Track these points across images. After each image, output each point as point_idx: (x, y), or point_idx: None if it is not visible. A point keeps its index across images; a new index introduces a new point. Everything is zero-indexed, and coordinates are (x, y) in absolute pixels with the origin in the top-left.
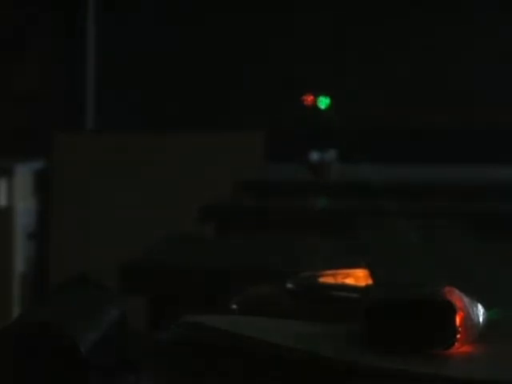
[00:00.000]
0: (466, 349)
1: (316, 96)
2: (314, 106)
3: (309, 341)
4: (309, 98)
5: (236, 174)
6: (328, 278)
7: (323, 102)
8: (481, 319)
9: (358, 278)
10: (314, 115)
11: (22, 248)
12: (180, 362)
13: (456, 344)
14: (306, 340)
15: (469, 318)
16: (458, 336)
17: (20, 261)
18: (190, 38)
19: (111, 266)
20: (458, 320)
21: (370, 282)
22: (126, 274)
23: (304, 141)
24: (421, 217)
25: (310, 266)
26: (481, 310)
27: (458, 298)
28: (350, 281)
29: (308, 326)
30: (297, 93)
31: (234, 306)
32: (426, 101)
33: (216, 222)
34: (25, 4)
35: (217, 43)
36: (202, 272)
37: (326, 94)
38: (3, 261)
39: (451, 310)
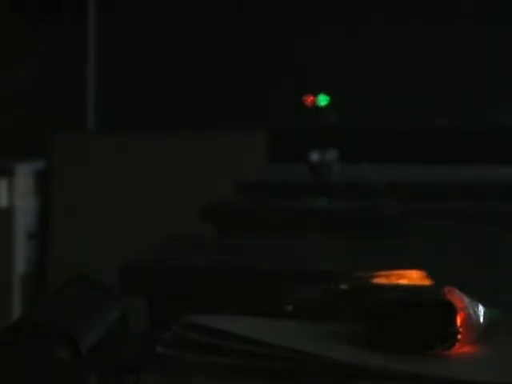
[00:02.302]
0: (466, 349)
1: (316, 96)
2: (315, 106)
3: (309, 341)
4: (309, 98)
5: (236, 174)
6: (381, 279)
7: (324, 102)
8: (481, 319)
9: (412, 278)
10: (314, 115)
11: (21, 248)
12: (180, 362)
13: (457, 344)
14: (306, 341)
15: (470, 319)
16: (459, 336)
17: (20, 261)
18: (190, 37)
19: (111, 266)
20: (458, 320)
21: (427, 282)
22: (127, 274)
23: (304, 141)
24: (421, 217)
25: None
26: (481, 310)
27: (458, 298)
28: (404, 282)
29: (310, 326)
30: (297, 93)
31: (289, 308)
32: (426, 101)
33: (216, 222)
34: (25, 4)
35: (217, 43)
36: (203, 272)
37: (326, 94)
38: (3, 261)
39: (452, 310)
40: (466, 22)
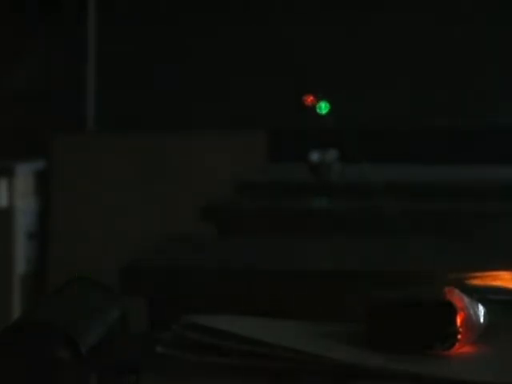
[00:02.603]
0: (466, 349)
1: (316, 96)
2: (315, 106)
3: (309, 341)
4: (309, 98)
5: (236, 174)
6: (476, 281)
7: (324, 102)
8: (481, 319)
9: (506, 280)
10: (314, 115)
11: (21, 248)
12: (180, 362)
13: (457, 344)
14: (306, 341)
15: (470, 319)
16: (459, 336)
17: (20, 261)
18: (190, 37)
19: (111, 266)
20: (458, 320)
21: None
22: (126, 274)
23: (304, 141)
24: (422, 217)
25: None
26: (481, 310)
27: (458, 298)
28: (498, 283)
29: (310, 326)
30: (297, 93)
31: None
32: (426, 101)
33: (216, 222)
34: (25, 4)
35: (218, 43)
36: (203, 272)
37: (326, 94)
38: (3, 261)
39: (452, 310)
40: (465, 22)
